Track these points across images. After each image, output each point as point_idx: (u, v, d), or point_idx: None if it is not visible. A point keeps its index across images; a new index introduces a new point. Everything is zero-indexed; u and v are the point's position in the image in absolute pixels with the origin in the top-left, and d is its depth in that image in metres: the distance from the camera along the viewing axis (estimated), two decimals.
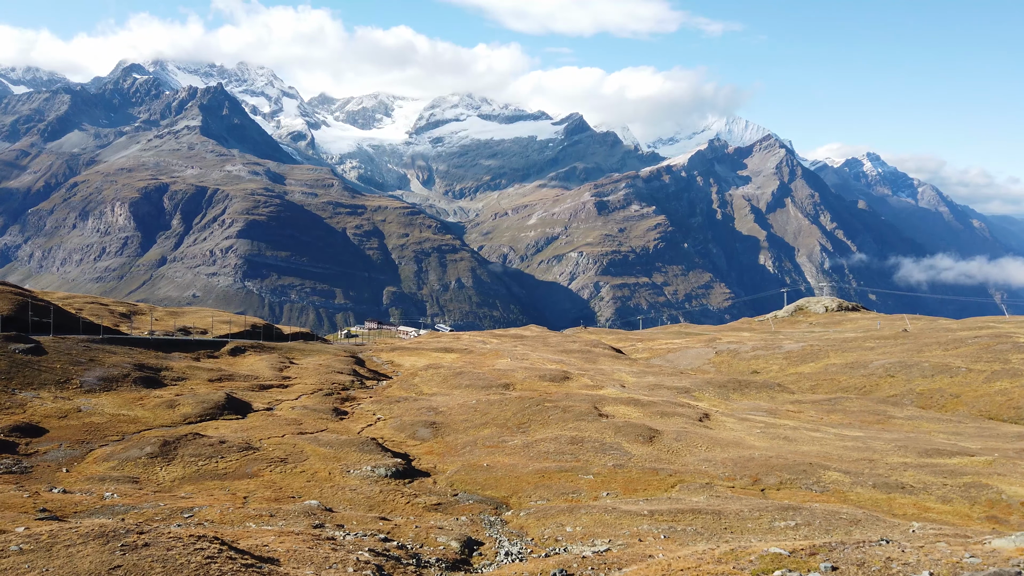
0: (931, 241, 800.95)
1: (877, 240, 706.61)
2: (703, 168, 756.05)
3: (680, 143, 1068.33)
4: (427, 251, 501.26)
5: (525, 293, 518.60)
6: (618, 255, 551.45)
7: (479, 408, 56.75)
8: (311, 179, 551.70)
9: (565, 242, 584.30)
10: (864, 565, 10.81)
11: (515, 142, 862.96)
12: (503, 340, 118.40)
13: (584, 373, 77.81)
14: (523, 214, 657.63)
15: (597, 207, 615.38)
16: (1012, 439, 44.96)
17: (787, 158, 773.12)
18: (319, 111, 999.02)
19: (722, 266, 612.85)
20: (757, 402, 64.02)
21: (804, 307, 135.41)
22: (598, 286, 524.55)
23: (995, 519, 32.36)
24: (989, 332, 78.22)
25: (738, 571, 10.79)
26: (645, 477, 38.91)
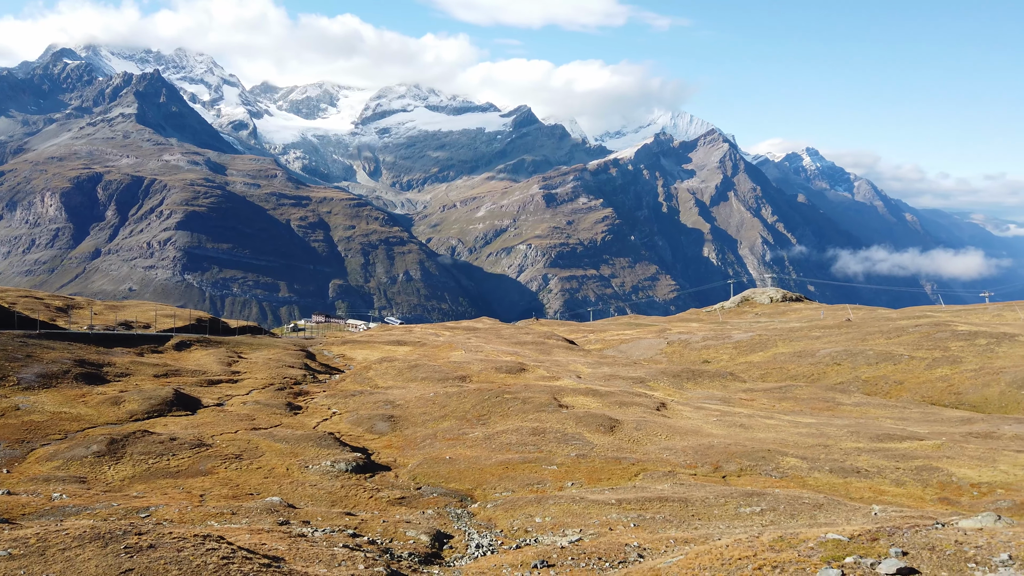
0: (866, 234, 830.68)
1: (816, 233, 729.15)
2: (649, 161, 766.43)
3: (627, 136, 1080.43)
4: (374, 243, 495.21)
5: (474, 285, 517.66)
6: (566, 247, 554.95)
7: (437, 401, 56.10)
8: (254, 169, 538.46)
9: (514, 234, 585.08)
10: (935, 549, 10.77)
11: (463, 134, 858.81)
12: (456, 332, 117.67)
13: (540, 364, 77.81)
14: (471, 206, 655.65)
15: (545, 200, 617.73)
16: (956, 423, 46.65)
17: (730, 152, 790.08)
18: (262, 100, 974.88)
19: (668, 258, 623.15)
20: (711, 391, 65.02)
21: (750, 298, 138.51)
22: (547, 278, 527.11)
23: (947, 501, 33.46)
24: (928, 321, 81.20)
25: (805, 558, 10.63)
26: (608, 466, 39.00)
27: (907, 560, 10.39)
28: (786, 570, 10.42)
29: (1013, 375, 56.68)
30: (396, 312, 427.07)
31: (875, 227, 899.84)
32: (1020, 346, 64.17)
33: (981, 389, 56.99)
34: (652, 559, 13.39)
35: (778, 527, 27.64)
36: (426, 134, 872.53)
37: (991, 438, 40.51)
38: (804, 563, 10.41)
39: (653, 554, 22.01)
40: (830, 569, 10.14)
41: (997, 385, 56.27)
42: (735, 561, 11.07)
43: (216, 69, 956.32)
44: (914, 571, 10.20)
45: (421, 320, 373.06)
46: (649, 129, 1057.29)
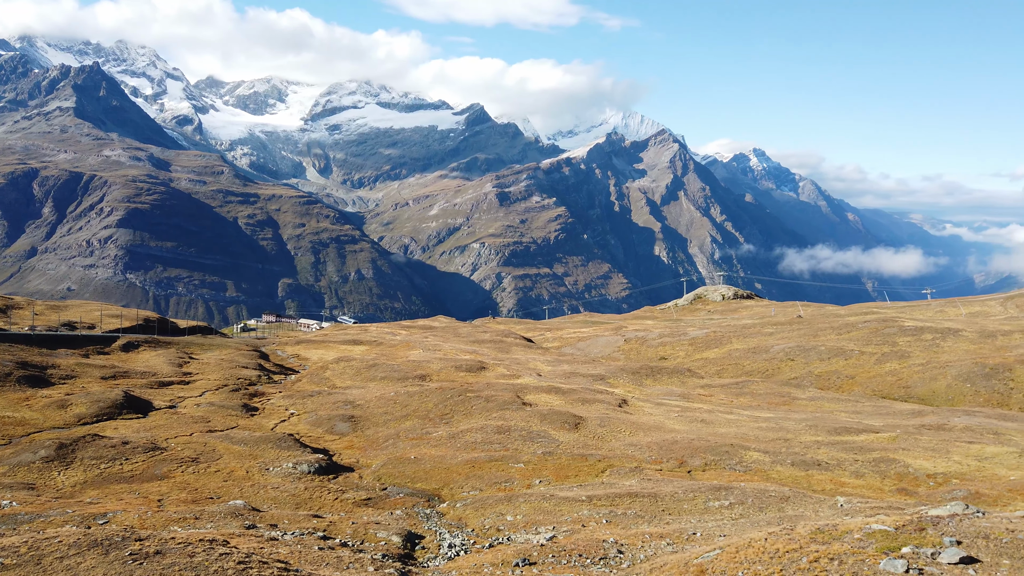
0: (811, 233, 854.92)
1: (763, 232, 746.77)
2: (601, 161, 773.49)
3: (579, 136, 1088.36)
4: (325, 242, 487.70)
5: (427, 284, 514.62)
6: (520, 246, 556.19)
7: (398, 400, 55.35)
8: (199, 166, 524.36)
9: (467, 233, 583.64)
10: (989, 538, 10.78)
11: (416, 131, 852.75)
12: (412, 331, 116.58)
13: (499, 363, 77.57)
14: (424, 204, 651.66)
15: (499, 198, 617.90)
16: (908, 416, 48.03)
17: (680, 152, 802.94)
18: (207, 95, 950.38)
19: (620, 257, 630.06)
20: (670, 387, 65.71)
21: (703, 295, 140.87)
22: (500, 277, 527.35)
23: (905, 491, 34.35)
24: (875, 317, 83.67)
25: (859, 549, 10.52)
26: (575, 463, 38.97)
27: (964, 549, 10.41)
28: (845, 562, 10.34)
29: (958, 369, 58.71)
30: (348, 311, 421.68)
31: (819, 226, 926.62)
32: (964, 341, 66.56)
33: (929, 383, 58.89)
34: (681, 552, 13.25)
35: (749, 520, 27.98)
36: (378, 131, 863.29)
37: (943, 430, 41.77)
38: (861, 554, 10.37)
39: (631, 549, 21.98)
40: (895, 560, 10.10)
41: (944, 379, 58.22)
42: (785, 554, 10.97)
43: (159, 62, 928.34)
44: (975, 559, 10.23)
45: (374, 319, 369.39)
46: (601, 129, 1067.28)
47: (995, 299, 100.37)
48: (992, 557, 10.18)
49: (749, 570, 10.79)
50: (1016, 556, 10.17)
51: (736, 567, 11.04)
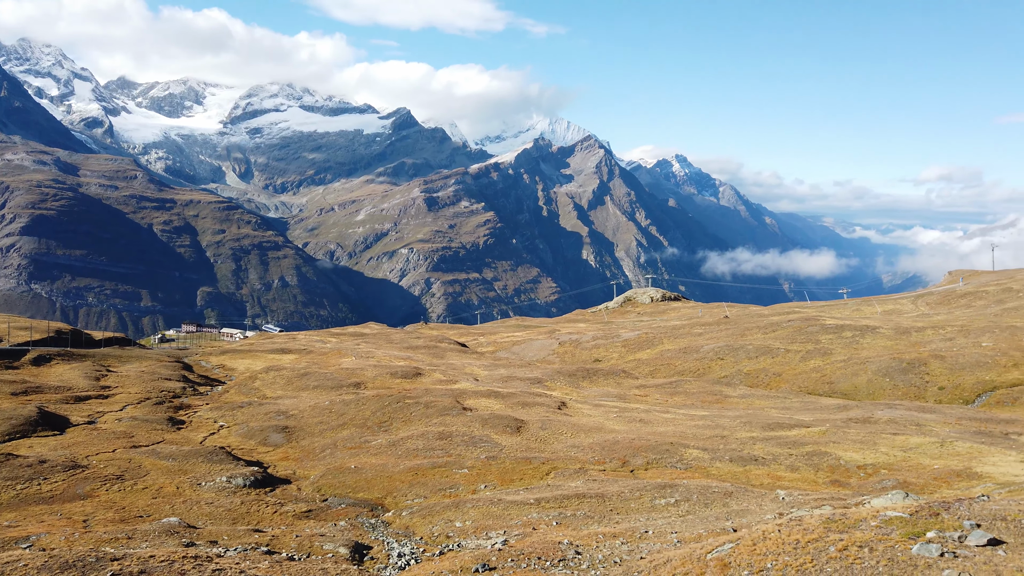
0: (732, 236, 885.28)
1: (686, 235, 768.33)
2: (529, 166, 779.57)
3: (507, 141, 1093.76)
4: (246, 248, 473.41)
5: (354, 291, 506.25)
6: (449, 251, 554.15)
7: (334, 409, 53.95)
8: (110, 170, 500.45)
9: (395, 238, 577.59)
10: (1007, 520, 10.89)
11: (341, 135, 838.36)
12: (343, 339, 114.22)
13: (435, 368, 76.77)
14: (351, 210, 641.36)
15: (427, 203, 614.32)
16: (835, 410, 49.94)
17: (606, 158, 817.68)
18: (119, 96, 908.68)
19: (548, 261, 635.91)
20: (606, 388, 66.41)
21: (632, 298, 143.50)
22: (429, 282, 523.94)
23: (838, 483, 35.59)
24: (798, 316, 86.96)
25: (885, 536, 10.47)
26: (520, 467, 38.76)
27: (985, 531, 10.58)
28: (875, 548, 10.33)
29: (878, 364, 61.52)
30: (272, 320, 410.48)
31: (739, 230, 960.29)
32: (881, 337, 69.85)
33: (851, 378, 61.48)
34: (687, 546, 13.14)
35: (696, 516, 28.37)
36: (301, 135, 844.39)
37: (869, 423, 43.54)
38: (887, 540, 10.40)
39: (588, 550, 21.88)
40: (930, 544, 10.15)
41: (864, 374, 60.88)
42: (808, 544, 10.92)
43: (66, 62, 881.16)
44: (1001, 541, 10.41)
45: (299, 328, 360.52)
46: (528, 134, 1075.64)
47: (906, 297, 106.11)
48: (1015, 538, 10.46)
49: (778, 561, 10.76)
50: None
51: (762, 559, 10.99)
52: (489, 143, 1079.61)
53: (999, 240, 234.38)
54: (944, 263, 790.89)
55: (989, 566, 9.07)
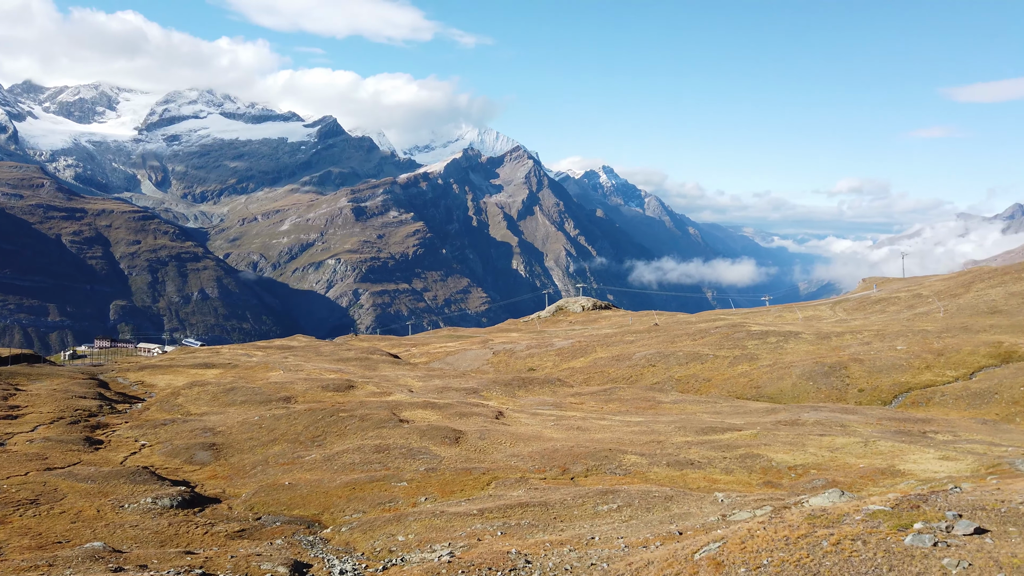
0: (657, 246, 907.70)
1: (613, 245, 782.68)
2: (459, 176, 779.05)
3: (436, 151, 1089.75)
4: (163, 260, 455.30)
5: (279, 303, 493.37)
6: (377, 262, 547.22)
7: (264, 424, 52.15)
8: (15, 178, 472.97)
9: (321, 249, 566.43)
10: (986, 509, 11.10)
11: (264, 143, 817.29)
12: (270, 352, 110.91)
13: (368, 380, 75.37)
14: (275, 220, 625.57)
15: (355, 213, 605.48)
16: (764, 413, 51.47)
17: (535, 169, 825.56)
18: (24, 100, 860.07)
19: (479, 271, 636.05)
20: (542, 397, 66.60)
21: (564, 307, 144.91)
22: (357, 293, 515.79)
23: (771, 484, 36.58)
24: (724, 323, 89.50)
25: (873, 528, 10.49)
26: (460, 478, 38.30)
27: (968, 520, 10.83)
28: (868, 541, 10.40)
29: (801, 368, 63.86)
30: (191, 334, 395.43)
31: (664, 239, 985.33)
32: (804, 343, 72.60)
33: (776, 382, 63.57)
34: (667, 547, 12.99)
35: (639, 520, 28.60)
36: (222, 143, 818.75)
37: (797, 425, 45.02)
38: (878, 532, 10.50)
39: (537, 559, 21.72)
40: (923, 535, 10.30)
41: (789, 378, 63.08)
42: (798, 539, 10.92)
43: None
44: (985, 530, 10.66)
45: (220, 341, 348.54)
46: (458, 144, 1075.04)
47: (825, 304, 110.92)
48: (998, 526, 10.79)
49: (773, 557, 10.77)
50: (1020, 523, 10.84)
51: (756, 556, 10.99)
52: (418, 153, 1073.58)
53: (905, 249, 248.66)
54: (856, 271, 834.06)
55: (982, 553, 9.39)
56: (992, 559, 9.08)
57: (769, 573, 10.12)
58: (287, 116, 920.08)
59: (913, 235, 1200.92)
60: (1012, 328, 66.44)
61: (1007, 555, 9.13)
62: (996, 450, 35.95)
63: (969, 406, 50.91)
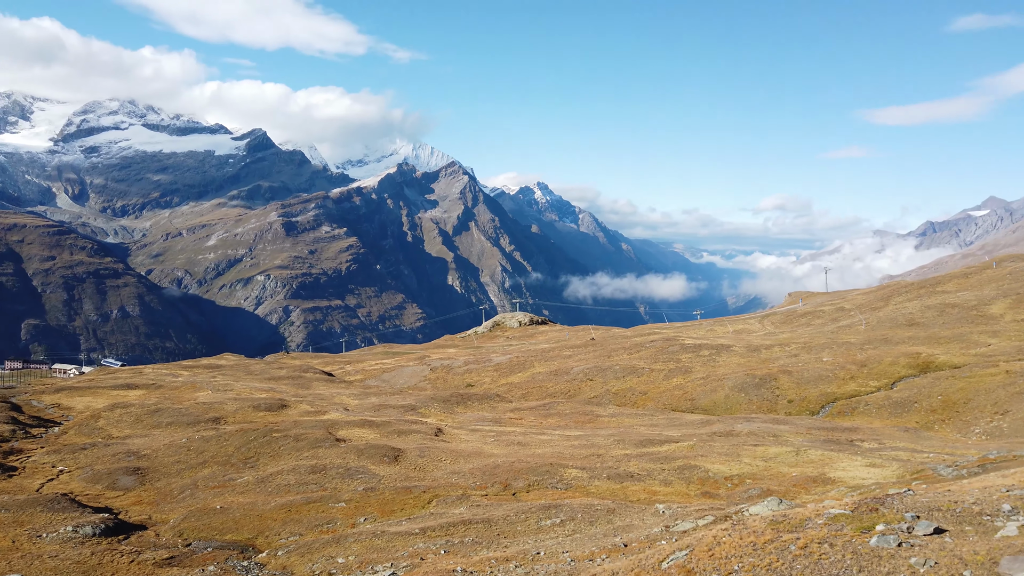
0: (591, 261, 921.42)
1: (549, 261, 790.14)
2: (393, 191, 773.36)
3: (369, 165, 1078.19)
4: (80, 276, 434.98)
5: (205, 321, 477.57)
6: (309, 277, 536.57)
7: (192, 447, 50.10)
8: None
9: (250, 265, 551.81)
10: (942, 510, 11.28)
11: (190, 156, 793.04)
12: (197, 371, 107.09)
13: (301, 399, 73.53)
14: (201, 235, 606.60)
15: (285, 228, 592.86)
16: (699, 425, 52.52)
17: (470, 184, 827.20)
18: None
19: (414, 287, 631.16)
20: (481, 413, 66.29)
21: (501, 323, 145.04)
22: (288, 310, 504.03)
23: (709, 494, 37.25)
24: (659, 337, 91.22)
25: (838, 531, 10.49)
26: (400, 497, 37.62)
27: (925, 521, 11.08)
28: (835, 544, 10.48)
29: (733, 381, 65.53)
30: (111, 353, 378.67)
31: (598, 255, 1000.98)
32: (735, 355, 74.59)
33: (710, 394, 65.04)
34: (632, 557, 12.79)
35: (583, 534, 28.62)
36: (145, 155, 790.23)
37: (731, 436, 46.09)
38: (842, 535, 10.58)
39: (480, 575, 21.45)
40: (887, 536, 10.45)
41: (722, 390, 64.63)
42: (765, 544, 10.91)
43: None
44: (944, 530, 10.93)
45: (143, 361, 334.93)
46: (392, 159, 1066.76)
47: (754, 317, 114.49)
48: (955, 526, 11.12)
49: (743, 562, 10.79)
50: (975, 523, 11.20)
51: (726, 562, 10.99)
52: (351, 167, 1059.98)
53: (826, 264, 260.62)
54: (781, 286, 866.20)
55: (945, 551, 9.69)
56: (956, 556, 9.42)
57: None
58: (214, 128, 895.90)
59: (833, 251, 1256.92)
60: (929, 340, 69.99)
61: (969, 552, 9.49)
62: (919, 456, 37.58)
63: (891, 415, 53.20)
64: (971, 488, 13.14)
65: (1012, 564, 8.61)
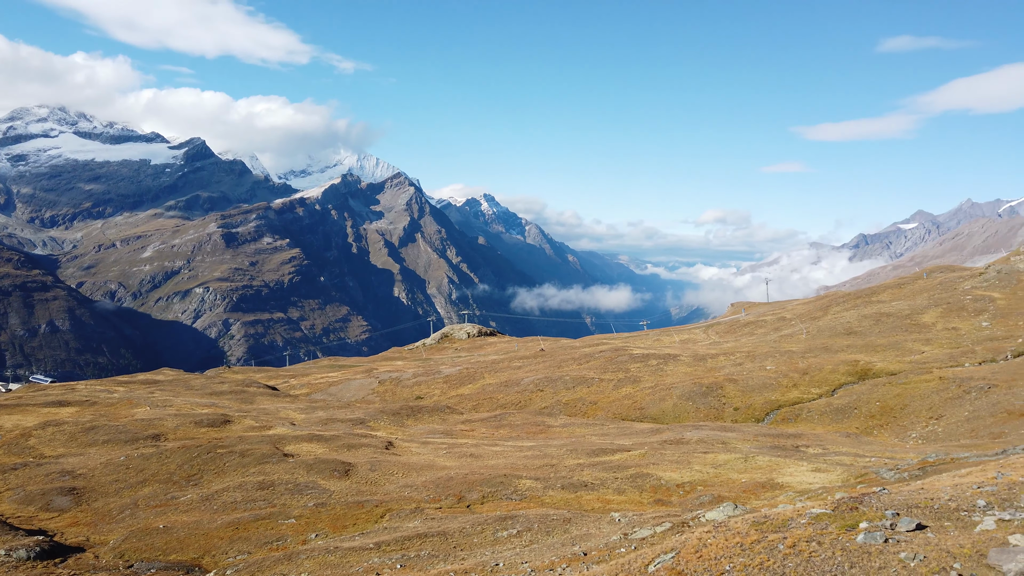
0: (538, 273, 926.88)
1: (495, 272, 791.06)
2: (337, 202, 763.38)
3: (313, 176, 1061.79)
4: (6, 289, 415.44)
5: (140, 335, 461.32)
6: (250, 290, 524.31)
7: (131, 465, 48.18)
8: None
9: (188, 277, 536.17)
10: (920, 507, 11.41)
11: (124, 165, 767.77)
12: (133, 387, 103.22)
13: (246, 414, 71.60)
14: (136, 246, 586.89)
15: (225, 239, 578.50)
16: (649, 434, 53.16)
17: (416, 195, 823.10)
18: None
19: (359, 299, 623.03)
20: (432, 425, 65.72)
21: (449, 334, 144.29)
22: (228, 323, 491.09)
23: (661, 502, 37.65)
24: (608, 347, 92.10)
25: (823, 531, 10.50)
26: (352, 512, 36.91)
27: (906, 517, 11.28)
28: (823, 542, 10.55)
29: (681, 389, 66.61)
30: (39, 369, 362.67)
31: (544, 267, 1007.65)
32: (682, 364, 75.85)
33: (658, 403, 65.93)
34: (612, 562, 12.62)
35: (541, 544, 28.56)
36: (76, 164, 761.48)
37: (681, 444, 46.77)
38: (828, 533, 10.66)
39: None
40: (874, 533, 10.59)
41: (671, 399, 65.59)
42: (753, 544, 10.91)
43: None
44: (925, 526, 11.14)
45: (74, 377, 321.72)
46: (336, 169, 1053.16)
47: (699, 327, 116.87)
48: (934, 522, 11.39)
49: (734, 563, 10.80)
50: (954, 519, 11.49)
51: (716, 563, 10.98)
52: (294, 178, 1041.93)
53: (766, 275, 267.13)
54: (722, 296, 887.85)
55: (931, 546, 9.95)
56: (943, 550, 9.71)
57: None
58: (150, 137, 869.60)
59: (772, 262, 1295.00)
60: (866, 347, 72.54)
61: (955, 546, 9.79)
62: (861, 461, 38.78)
63: (833, 420, 54.86)
64: (943, 485, 13.60)
65: (1000, 555, 8.95)
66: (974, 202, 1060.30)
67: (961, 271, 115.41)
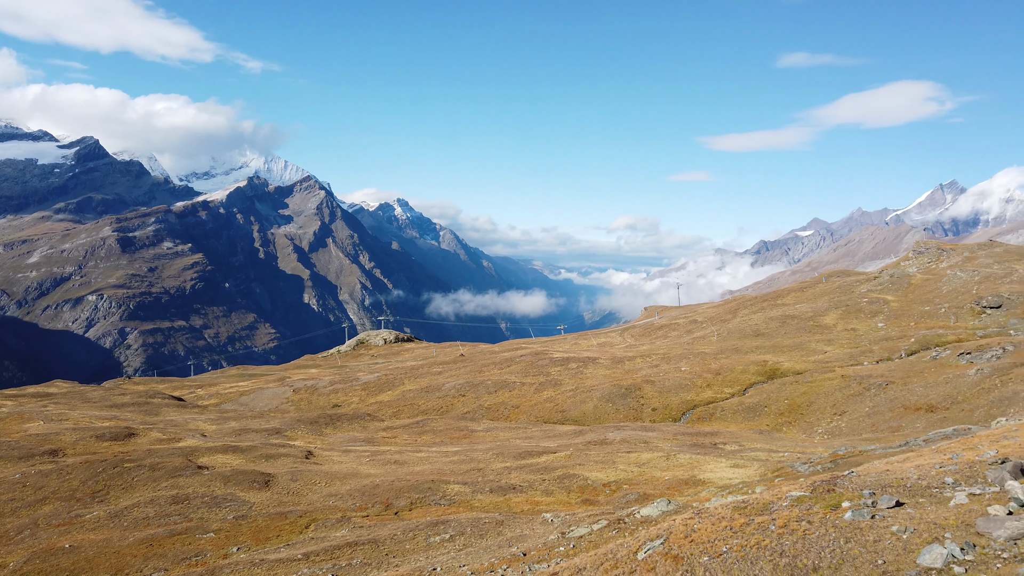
0: (453, 278, 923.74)
1: (410, 278, 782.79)
2: (243, 205, 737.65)
3: (217, 178, 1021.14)
4: None
5: (25, 346, 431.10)
6: (149, 297, 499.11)
7: (28, 482, 44.93)
8: None
9: (80, 283, 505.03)
10: (893, 487, 11.71)
11: (8, 164, 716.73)
12: (23, 400, 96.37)
13: (151, 427, 68.07)
14: (21, 251, 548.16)
15: (121, 244, 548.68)
16: (572, 436, 53.90)
17: (327, 200, 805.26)
18: None
19: (267, 306, 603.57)
20: (352, 433, 64.42)
21: (365, 341, 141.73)
22: (124, 332, 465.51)
23: (589, 501, 38.22)
24: (528, 351, 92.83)
25: (809, 512, 10.61)
26: (275, 523, 35.67)
27: (885, 495, 11.68)
28: (812, 521, 10.75)
29: (601, 392, 67.88)
30: None
31: (459, 272, 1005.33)
32: (601, 367, 77.31)
33: (580, 405, 66.96)
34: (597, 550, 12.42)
35: (475, 547, 28.43)
36: None
37: (605, 444, 47.67)
38: (815, 514, 10.87)
39: None
40: (861, 510, 10.88)
41: (591, 401, 66.74)
42: (743, 527, 10.99)
43: None
44: (903, 503, 11.54)
45: None
46: (242, 172, 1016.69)
47: (615, 331, 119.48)
48: (910, 498, 11.90)
49: (730, 544, 10.90)
50: (928, 495, 12.02)
51: (711, 545, 11.04)
52: (196, 180, 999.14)
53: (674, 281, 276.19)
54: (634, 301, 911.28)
55: (915, 519, 10.46)
56: (930, 523, 10.28)
57: (734, 558, 10.52)
58: (38, 135, 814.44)
59: (680, 268, 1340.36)
60: (773, 348, 76.08)
61: (940, 518, 10.37)
62: (775, 456, 40.59)
63: (745, 419, 57.21)
64: (907, 467, 14.40)
65: (988, 524, 9.57)
66: (864, 211, 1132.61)
67: (857, 275, 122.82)
